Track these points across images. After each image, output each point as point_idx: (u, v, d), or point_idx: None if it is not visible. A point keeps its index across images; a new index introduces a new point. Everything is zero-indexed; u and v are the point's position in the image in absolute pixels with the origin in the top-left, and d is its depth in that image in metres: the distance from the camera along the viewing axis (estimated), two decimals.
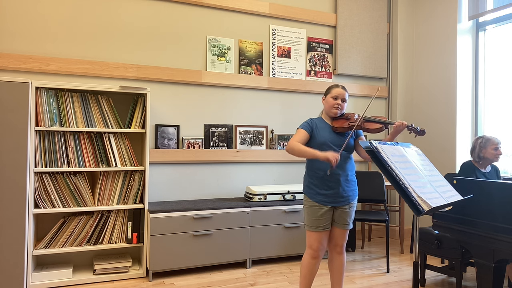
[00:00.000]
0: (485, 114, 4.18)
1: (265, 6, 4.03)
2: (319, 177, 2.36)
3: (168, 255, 3.16)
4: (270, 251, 3.52)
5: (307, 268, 2.40)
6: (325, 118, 2.47)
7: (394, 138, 2.34)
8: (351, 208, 2.41)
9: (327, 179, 2.34)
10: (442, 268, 3.03)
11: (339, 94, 2.40)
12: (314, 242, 2.37)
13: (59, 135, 3.04)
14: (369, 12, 4.59)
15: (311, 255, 2.39)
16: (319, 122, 2.44)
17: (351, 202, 2.40)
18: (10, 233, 2.76)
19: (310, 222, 2.37)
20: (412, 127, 2.31)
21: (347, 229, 2.42)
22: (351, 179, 2.41)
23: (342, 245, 2.44)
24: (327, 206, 2.34)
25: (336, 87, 2.42)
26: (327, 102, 2.43)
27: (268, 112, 4.10)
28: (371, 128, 2.35)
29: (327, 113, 2.46)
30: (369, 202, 3.84)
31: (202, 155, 3.75)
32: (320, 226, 2.35)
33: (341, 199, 2.36)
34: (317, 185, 2.36)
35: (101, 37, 3.43)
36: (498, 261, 2.15)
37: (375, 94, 2.46)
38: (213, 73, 3.81)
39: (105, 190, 3.15)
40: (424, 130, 2.29)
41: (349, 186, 2.39)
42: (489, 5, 3.97)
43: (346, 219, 2.39)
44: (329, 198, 2.34)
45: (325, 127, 2.42)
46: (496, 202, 2.15)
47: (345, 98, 2.41)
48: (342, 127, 2.37)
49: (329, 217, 2.37)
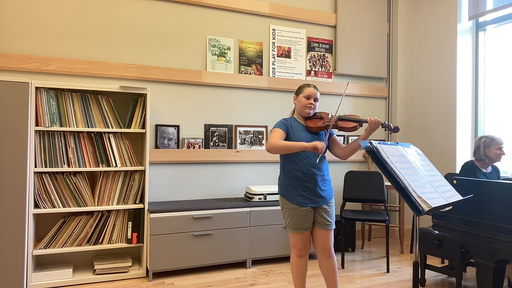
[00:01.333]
0: (485, 114, 4.18)
1: (265, 6, 4.03)
2: (296, 178, 2.34)
3: (168, 255, 3.16)
4: (270, 251, 3.52)
5: (296, 267, 2.41)
6: (298, 118, 2.46)
7: (369, 135, 2.34)
8: (330, 207, 2.40)
9: (304, 179, 2.33)
10: (442, 268, 3.03)
11: (311, 94, 2.39)
12: (297, 242, 2.38)
13: (59, 135, 3.04)
14: (369, 12, 4.59)
15: (296, 254, 2.40)
16: (293, 122, 2.43)
17: (329, 201, 2.40)
18: (10, 233, 2.76)
19: (292, 224, 2.36)
20: (386, 124, 2.32)
21: (330, 229, 2.39)
22: (327, 179, 2.41)
23: (329, 248, 2.40)
24: (307, 207, 2.34)
25: (308, 87, 2.41)
26: (299, 101, 2.42)
27: (268, 112, 4.10)
28: (346, 126, 2.35)
29: (299, 113, 2.44)
30: (369, 202, 3.84)
31: (202, 155, 3.75)
32: (302, 227, 2.35)
33: (319, 199, 2.35)
34: (294, 186, 2.35)
35: (101, 37, 3.44)
36: (498, 261, 2.15)
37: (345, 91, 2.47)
38: (213, 73, 3.81)
39: (105, 190, 3.15)
40: (398, 127, 2.29)
41: (325, 186, 2.39)
42: (489, 5, 3.97)
43: (328, 219, 2.38)
44: (307, 199, 2.33)
45: (300, 127, 2.41)
46: (496, 202, 2.15)
47: (317, 97, 2.41)
48: (317, 126, 2.36)
49: (311, 218, 2.36)
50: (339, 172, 4.44)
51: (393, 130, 2.31)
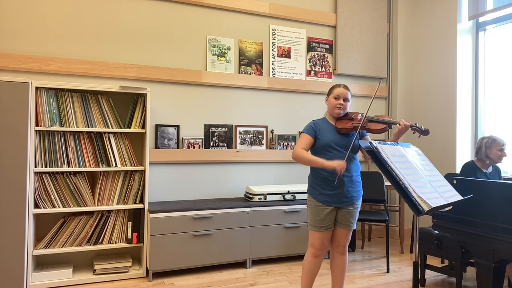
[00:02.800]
0: (485, 114, 4.18)
1: (265, 6, 4.03)
2: (323, 178, 2.36)
3: (168, 255, 3.16)
4: (270, 251, 3.52)
5: (308, 267, 2.41)
6: (329, 119, 2.46)
7: (398, 139, 2.33)
8: (355, 209, 2.40)
9: (331, 179, 2.33)
10: (442, 268, 3.03)
11: (340, 94, 2.39)
12: (316, 241, 2.37)
13: (59, 135, 3.04)
14: (369, 12, 4.59)
15: (312, 254, 2.40)
16: (322, 123, 2.43)
17: (355, 202, 2.39)
18: (10, 233, 2.76)
19: (313, 221, 2.37)
20: (416, 126, 2.29)
21: (351, 229, 2.42)
22: (355, 180, 2.39)
23: (344, 245, 2.44)
24: (330, 206, 2.34)
25: (338, 87, 2.41)
26: (329, 102, 2.43)
27: (268, 112, 4.10)
28: (375, 128, 2.33)
29: (330, 114, 2.45)
30: (369, 202, 3.84)
31: (202, 155, 3.75)
32: (322, 226, 2.35)
33: (345, 199, 2.35)
34: (321, 185, 2.36)
35: (101, 37, 3.43)
36: (498, 261, 2.15)
37: (376, 90, 2.42)
38: (213, 73, 3.81)
39: (105, 190, 3.15)
40: (428, 130, 2.27)
41: (353, 187, 2.37)
42: (489, 5, 3.97)
43: (350, 220, 2.39)
44: (332, 198, 2.34)
45: (329, 128, 2.41)
46: (496, 202, 2.15)
47: (347, 97, 2.40)
48: (346, 127, 2.36)
49: (332, 217, 2.37)
50: None
51: (422, 133, 2.28)
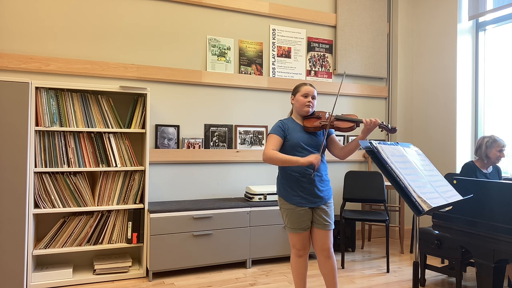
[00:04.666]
0: (485, 114, 4.18)
1: (265, 6, 4.03)
2: (294, 179, 2.34)
3: (168, 255, 3.16)
4: (270, 251, 3.52)
5: (296, 267, 2.42)
6: (296, 118, 2.45)
7: (366, 136, 2.32)
8: (329, 208, 2.39)
9: (302, 179, 2.33)
10: (442, 268, 3.03)
11: (309, 92, 2.39)
12: (296, 242, 2.38)
13: (59, 135, 3.04)
14: (369, 12, 4.59)
15: (296, 254, 2.41)
16: (290, 123, 2.41)
17: (328, 201, 2.39)
18: (10, 233, 2.76)
19: (291, 224, 2.36)
20: (383, 125, 2.30)
21: (329, 229, 2.38)
22: (325, 179, 2.40)
23: (328, 248, 2.39)
24: (304, 207, 2.33)
25: (305, 85, 2.41)
26: (297, 101, 2.41)
27: (268, 112, 4.10)
28: (343, 127, 2.33)
29: (298, 112, 2.44)
30: (369, 202, 3.84)
31: (202, 155, 3.75)
32: (301, 227, 2.34)
33: (317, 199, 2.35)
34: (292, 186, 2.35)
35: (101, 37, 3.43)
36: (498, 261, 2.15)
37: (341, 84, 2.40)
38: (213, 73, 3.81)
39: (105, 190, 3.15)
40: (395, 128, 2.27)
41: (323, 186, 2.38)
42: (489, 5, 3.97)
43: (326, 219, 2.37)
44: (305, 200, 2.33)
45: (297, 127, 2.40)
46: (496, 202, 2.15)
47: (315, 95, 2.41)
48: (314, 126, 2.35)
49: (309, 218, 2.36)
50: (339, 172, 4.44)
51: (390, 131, 2.29)
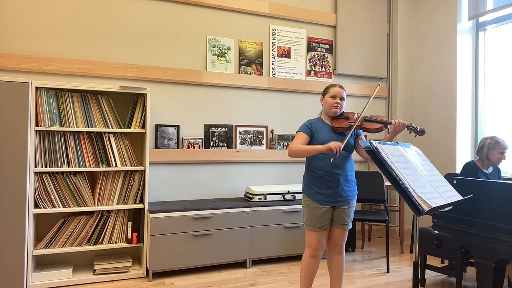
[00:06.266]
0: (485, 114, 4.18)
1: (265, 6, 4.03)
2: (318, 177, 2.36)
3: (168, 255, 3.16)
4: (270, 251, 3.52)
5: (306, 267, 2.41)
6: (325, 119, 2.48)
7: (393, 137, 2.35)
8: (350, 208, 2.41)
9: (327, 178, 2.34)
10: (442, 268, 3.03)
11: (337, 93, 2.41)
12: (313, 241, 2.38)
13: (59, 135, 3.04)
14: (369, 12, 4.59)
15: (310, 254, 2.40)
16: (318, 123, 2.44)
17: (350, 202, 2.40)
18: (10, 233, 2.76)
19: (310, 221, 2.37)
20: (411, 126, 2.32)
21: (347, 229, 2.43)
22: (350, 179, 2.41)
23: (341, 245, 2.44)
24: (326, 205, 2.35)
25: (334, 87, 2.43)
26: (325, 102, 2.44)
27: (268, 112, 4.10)
28: (371, 128, 2.36)
29: (326, 113, 2.46)
30: (369, 202, 3.84)
31: (202, 155, 3.75)
32: (319, 225, 2.35)
33: (340, 198, 2.36)
34: (316, 184, 2.37)
35: (101, 37, 3.43)
36: (498, 261, 2.15)
37: (375, 91, 2.44)
38: (213, 73, 3.81)
39: (105, 190, 3.15)
40: (424, 130, 2.30)
41: (348, 186, 2.39)
42: (489, 5, 3.97)
43: (346, 219, 2.39)
44: (328, 198, 2.34)
45: (325, 127, 2.42)
46: (496, 202, 2.15)
47: (343, 96, 2.42)
48: (342, 126, 2.37)
49: (329, 217, 2.37)
50: None
51: (418, 133, 2.30)
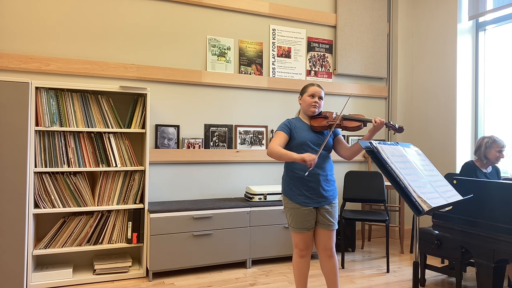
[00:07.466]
0: (485, 114, 4.18)
1: (265, 6, 4.03)
2: (299, 178, 2.35)
3: (168, 255, 3.16)
4: (270, 251, 3.52)
5: (297, 267, 2.42)
6: (303, 118, 2.47)
7: (373, 135, 2.36)
8: (333, 208, 2.39)
9: (307, 179, 2.33)
10: (442, 268, 3.03)
11: (315, 92, 2.41)
12: (299, 242, 2.38)
13: (59, 135, 3.04)
14: (369, 12, 4.59)
15: (298, 254, 2.40)
16: (297, 122, 2.43)
17: (332, 201, 2.39)
18: (10, 233, 2.76)
19: (294, 223, 2.36)
20: (390, 124, 2.33)
21: (332, 229, 2.39)
22: (330, 179, 2.40)
23: (331, 248, 2.40)
24: (309, 206, 2.34)
25: (312, 86, 2.43)
26: (304, 101, 2.43)
27: (268, 112, 4.10)
28: (350, 126, 2.36)
29: (305, 112, 2.46)
30: (369, 202, 3.84)
31: (202, 155, 3.75)
32: (304, 227, 2.34)
33: (322, 199, 2.35)
34: (297, 185, 2.35)
35: (101, 37, 3.43)
36: (498, 261, 2.15)
37: (346, 102, 2.55)
38: (213, 73, 3.81)
39: (105, 190, 3.15)
40: (403, 127, 2.30)
41: (328, 186, 2.38)
42: (489, 5, 3.97)
43: (330, 219, 2.37)
44: (309, 199, 2.33)
45: (304, 126, 2.41)
46: (496, 202, 2.15)
47: (321, 95, 2.43)
48: (321, 125, 2.37)
49: (313, 218, 2.36)
50: (339, 172, 4.44)
51: (397, 130, 2.31)
